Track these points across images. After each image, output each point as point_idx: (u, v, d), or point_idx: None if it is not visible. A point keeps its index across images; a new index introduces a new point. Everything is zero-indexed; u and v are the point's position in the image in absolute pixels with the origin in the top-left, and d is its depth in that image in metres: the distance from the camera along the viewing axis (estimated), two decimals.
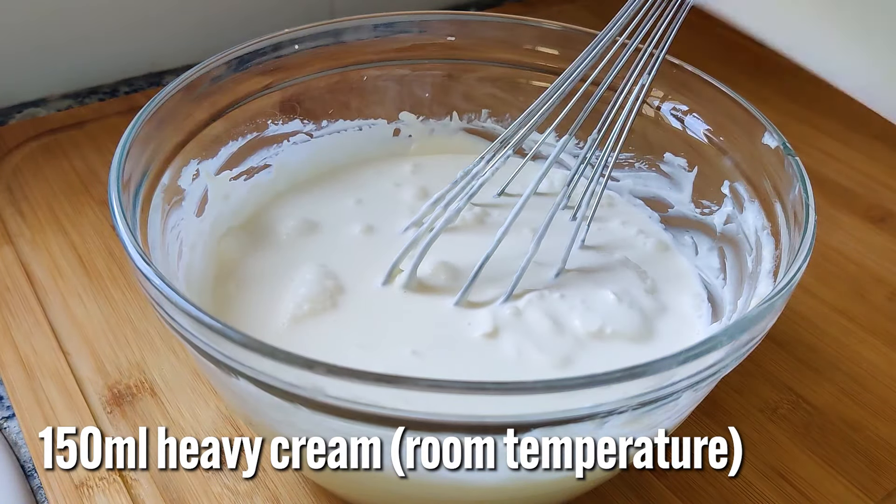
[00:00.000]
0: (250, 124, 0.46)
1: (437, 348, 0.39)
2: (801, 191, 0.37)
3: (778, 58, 0.80)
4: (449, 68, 0.51)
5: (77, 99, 0.68)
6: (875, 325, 0.50)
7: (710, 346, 0.30)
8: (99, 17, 0.68)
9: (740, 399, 0.45)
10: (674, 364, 0.29)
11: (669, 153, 0.47)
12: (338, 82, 0.49)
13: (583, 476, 0.33)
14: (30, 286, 0.50)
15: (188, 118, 0.42)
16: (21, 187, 0.57)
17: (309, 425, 0.32)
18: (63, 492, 0.40)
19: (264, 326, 0.40)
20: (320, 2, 0.77)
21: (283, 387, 0.29)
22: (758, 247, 0.41)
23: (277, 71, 0.46)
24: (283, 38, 0.46)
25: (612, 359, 0.39)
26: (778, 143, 0.40)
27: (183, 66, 0.71)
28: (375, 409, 0.29)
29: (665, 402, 0.30)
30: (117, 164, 0.36)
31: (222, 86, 0.44)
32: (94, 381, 0.45)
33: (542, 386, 0.28)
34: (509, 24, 0.49)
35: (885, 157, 0.64)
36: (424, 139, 0.52)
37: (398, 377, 0.28)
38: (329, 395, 0.29)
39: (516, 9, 0.83)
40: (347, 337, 0.39)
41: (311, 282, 0.41)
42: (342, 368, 0.28)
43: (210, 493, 0.40)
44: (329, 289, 0.41)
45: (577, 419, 0.29)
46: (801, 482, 0.42)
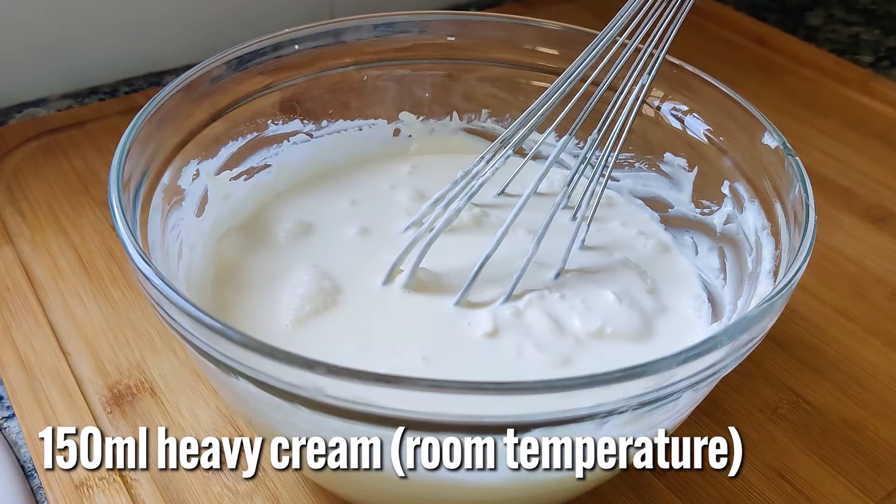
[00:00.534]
0: (250, 124, 0.46)
1: (437, 348, 0.39)
2: (801, 191, 0.37)
3: (778, 58, 0.80)
4: (449, 68, 0.51)
5: (77, 99, 0.68)
6: (875, 325, 0.50)
7: (710, 346, 0.30)
8: (99, 17, 0.68)
9: (740, 399, 0.45)
10: (674, 364, 0.29)
11: (669, 153, 0.47)
12: (338, 82, 0.49)
13: (583, 476, 0.33)
14: (30, 286, 0.50)
15: (188, 118, 0.42)
16: (21, 187, 0.57)
17: (309, 425, 0.32)
18: (63, 492, 0.40)
19: (264, 327, 0.40)
20: (320, 2, 0.77)
21: (283, 387, 0.29)
22: (758, 247, 0.41)
23: (277, 71, 0.46)
24: (284, 38, 0.46)
25: (613, 359, 0.39)
26: (778, 143, 0.40)
27: (183, 66, 0.71)
28: (375, 410, 0.29)
29: (665, 402, 0.30)
30: (117, 164, 0.36)
31: (222, 86, 0.44)
32: (94, 381, 0.45)
33: (542, 386, 0.28)
34: (509, 24, 0.49)
35: (885, 157, 0.64)
36: (424, 139, 0.52)
37: (398, 377, 0.28)
38: (329, 395, 0.29)
39: (516, 9, 0.83)
40: (348, 338, 0.39)
41: (308, 283, 0.41)
42: (342, 368, 0.28)
43: (210, 493, 0.40)
44: (326, 289, 0.41)
45: (577, 419, 0.29)
46: (801, 482, 0.42)
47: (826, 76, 0.73)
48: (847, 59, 0.77)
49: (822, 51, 0.78)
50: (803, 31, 0.83)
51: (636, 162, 0.49)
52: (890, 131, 0.67)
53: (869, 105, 0.70)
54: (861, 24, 0.84)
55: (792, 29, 0.82)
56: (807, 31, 0.83)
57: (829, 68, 0.74)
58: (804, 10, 0.87)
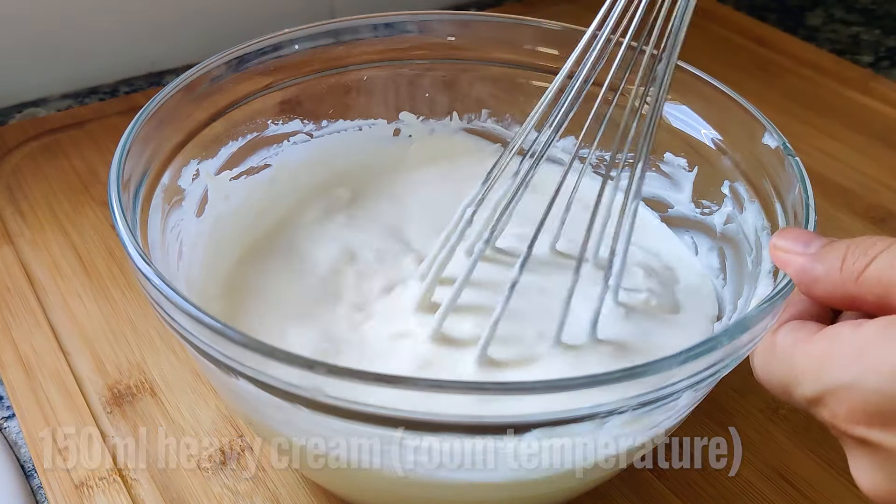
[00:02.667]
0: (250, 124, 0.46)
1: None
2: (801, 191, 0.37)
3: (778, 58, 0.80)
4: (449, 68, 0.51)
5: (77, 99, 0.68)
6: None
7: (711, 347, 0.30)
8: (99, 17, 0.68)
9: (740, 399, 0.45)
10: (674, 364, 0.29)
11: (669, 153, 0.47)
12: (338, 82, 0.49)
13: (583, 476, 0.33)
14: (30, 286, 0.50)
15: (188, 118, 0.42)
16: (21, 187, 0.57)
17: (309, 425, 0.32)
18: (63, 492, 0.40)
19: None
20: (320, 2, 0.77)
21: (283, 387, 0.29)
22: (757, 247, 0.41)
23: (277, 71, 0.46)
24: (283, 38, 0.46)
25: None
26: (778, 143, 0.40)
27: (183, 66, 0.71)
28: (375, 410, 0.29)
29: (665, 402, 0.30)
30: (117, 164, 0.36)
31: (222, 86, 0.44)
32: (94, 381, 0.45)
33: (542, 386, 0.29)
34: (509, 24, 0.49)
35: (885, 157, 0.64)
36: (424, 139, 0.52)
37: (398, 377, 0.28)
38: (329, 396, 0.29)
39: (516, 9, 0.83)
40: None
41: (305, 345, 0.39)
42: (342, 368, 0.28)
43: (210, 493, 0.40)
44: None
45: (577, 419, 0.29)
46: (801, 482, 0.42)
47: (826, 76, 0.73)
48: (847, 59, 0.77)
49: (822, 51, 0.78)
50: (803, 31, 0.83)
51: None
52: (890, 131, 0.67)
53: (869, 105, 0.70)
54: (861, 24, 0.84)
55: (792, 29, 0.82)
56: (807, 31, 0.83)
57: (829, 68, 0.74)
58: (804, 10, 0.87)
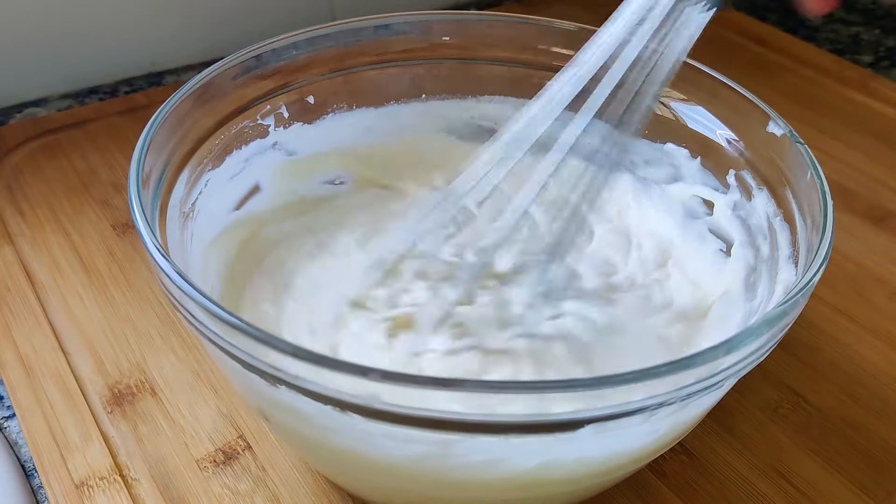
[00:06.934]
0: (254, 129, 0.46)
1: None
2: (814, 176, 0.38)
3: (778, 58, 0.80)
4: (449, 68, 0.51)
5: (77, 99, 0.68)
6: (875, 325, 0.50)
7: (752, 334, 0.31)
8: (99, 16, 0.68)
9: (740, 399, 0.45)
10: (720, 354, 0.30)
11: (671, 143, 0.47)
12: (340, 83, 0.49)
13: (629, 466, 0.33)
14: (30, 286, 0.50)
15: (195, 125, 0.42)
16: (21, 187, 0.57)
17: (358, 433, 0.31)
18: (63, 492, 0.40)
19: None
20: (320, 2, 0.77)
21: (336, 395, 0.29)
22: (772, 233, 0.41)
23: (278, 75, 0.46)
24: (285, 42, 0.46)
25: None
26: (784, 130, 0.40)
27: (183, 66, 0.71)
28: (433, 414, 0.28)
29: (710, 391, 0.31)
30: (136, 166, 0.36)
31: (226, 92, 0.44)
32: (94, 381, 0.45)
33: (595, 382, 0.28)
34: (510, 23, 0.49)
35: (885, 157, 0.64)
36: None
37: (454, 380, 0.28)
38: (385, 402, 0.28)
39: (516, 9, 0.83)
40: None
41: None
42: (397, 374, 0.27)
43: (210, 493, 0.40)
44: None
45: (628, 413, 0.29)
46: (801, 482, 0.42)
47: (826, 76, 0.73)
48: (847, 59, 0.77)
49: (822, 51, 0.78)
50: (803, 31, 0.83)
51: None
52: (890, 131, 0.67)
53: (869, 105, 0.70)
54: (861, 24, 0.84)
55: (792, 29, 0.82)
56: (807, 31, 0.83)
57: (829, 68, 0.74)
58: None
